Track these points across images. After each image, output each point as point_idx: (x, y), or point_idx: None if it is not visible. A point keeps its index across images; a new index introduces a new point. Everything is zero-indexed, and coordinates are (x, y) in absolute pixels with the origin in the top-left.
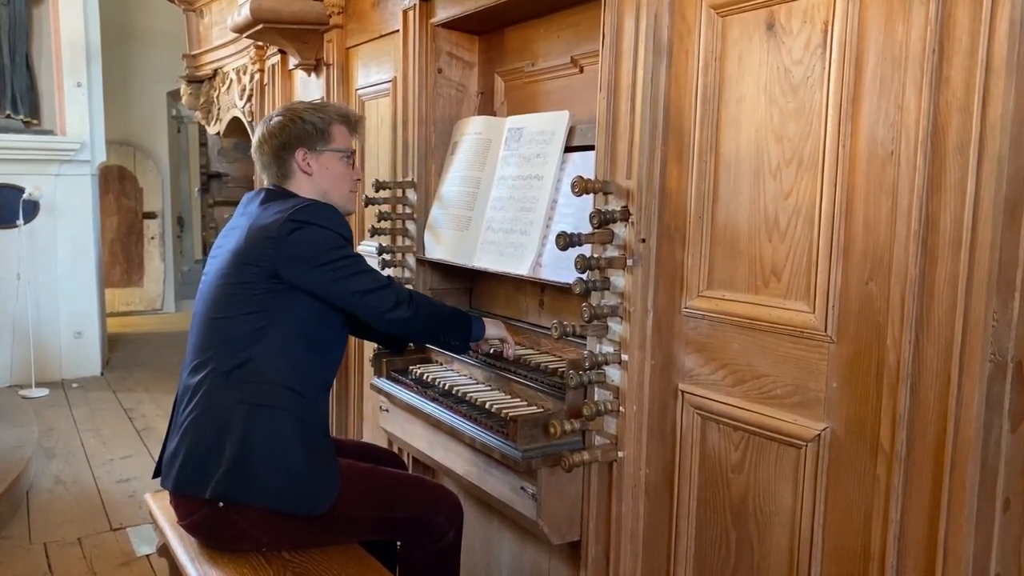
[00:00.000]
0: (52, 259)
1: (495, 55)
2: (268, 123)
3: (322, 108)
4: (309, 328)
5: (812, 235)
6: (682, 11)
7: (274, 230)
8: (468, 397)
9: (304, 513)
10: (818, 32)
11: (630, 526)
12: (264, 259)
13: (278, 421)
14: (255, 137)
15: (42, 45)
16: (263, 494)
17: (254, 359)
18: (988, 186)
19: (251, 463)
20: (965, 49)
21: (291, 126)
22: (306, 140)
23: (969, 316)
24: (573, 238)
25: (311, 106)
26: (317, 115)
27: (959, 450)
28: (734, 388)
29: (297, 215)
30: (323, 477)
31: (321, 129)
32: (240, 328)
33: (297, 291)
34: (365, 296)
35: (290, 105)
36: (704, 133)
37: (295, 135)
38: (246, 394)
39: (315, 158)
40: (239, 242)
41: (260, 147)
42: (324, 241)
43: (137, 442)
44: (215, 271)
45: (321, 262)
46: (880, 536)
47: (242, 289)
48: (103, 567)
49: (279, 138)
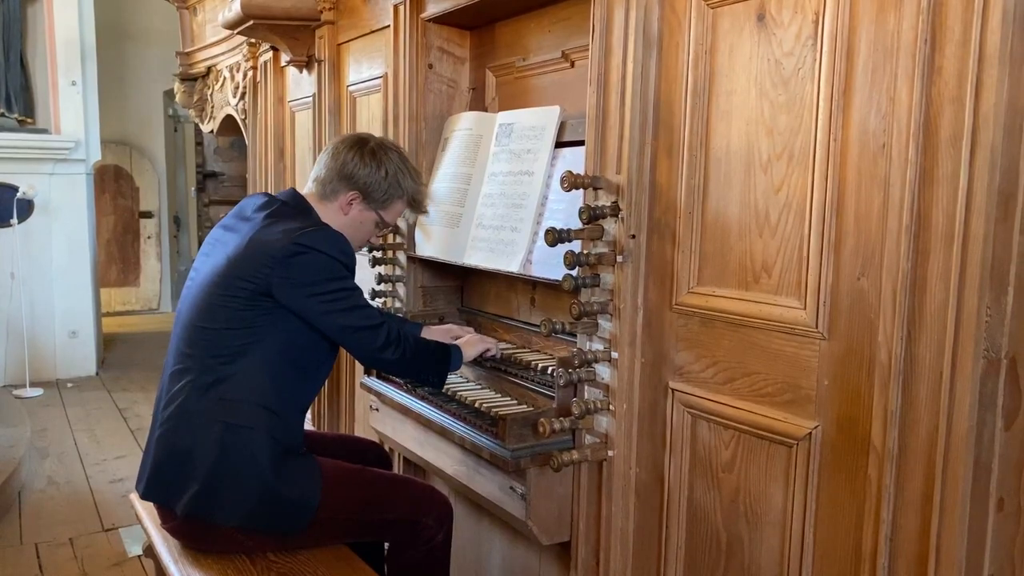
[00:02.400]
0: (47, 258)
1: (486, 50)
2: (365, 149)
3: (411, 176)
4: (294, 349)
5: (803, 230)
6: (672, 3)
7: (276, 249)
8: (458, 396)
9: (276, 531)
10: (809, 23)
11: (620, 526)
12: (258, 277)
13: (251, 442)
14: (342, 142)
15: (37, 43)
16: (235, 516)
17: (234, 376)
18: (981, 179)
19: (223, 486)
20: (958, 39)
21: (374, 174)
22: (371, 194)
23: (962, 311)
24: (562, 234)
25: (406, 169)
26: (401, 182)
27: (951, 448)
28: (725, 386)
29: (303, 239)
30: (297, 497)
31: (391, 195)
32: (224, 341)
33: (287, 312)
34: (355, 333)
35: (397, 152)
36: (694, 127)
37: (367, 183)
38: (222, 413)
39: (360, 208)
40: (236, 251)
41: (335, 158)
42: (324, 269)
43: (131, 442)
44: (207, 273)
45: (317, 291)
46: (872, 536)
47: (231, 302)
48: (94, 568)
49: (355, 171)
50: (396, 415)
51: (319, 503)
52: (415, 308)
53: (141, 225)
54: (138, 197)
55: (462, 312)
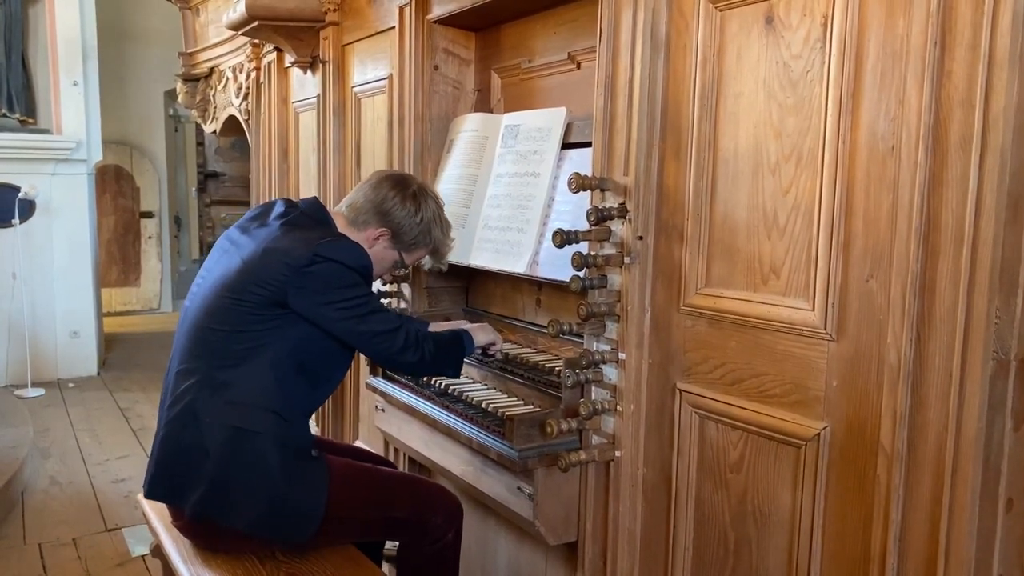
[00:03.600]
0: (48, 258)
1: (492, 52)
2: (408, 192)
3: (442, 228)
4: (304, 356)
5: (811, 232)
6: (680, 5)
7: (294, 258)
8: (465, 396)
9: (285, 539)
10: (817, 26)
11: (627, 526)
12: (274, 283)
13: (259, 448)
14: (387, 178)
15: (38, 43)
16: (243, 520)
17: (242, 380)
18: (990, 181)
19: (230, 489)
20: (967, 42)
21: (411, 218)
22: (401, 235)
23: (971, 313)
24: (570, 235)
25: (440, 220)
26: (432, 231)
27: (961, 450)
28: (732, 387)
29: (323, 250)
30: (306, 503)
31: (419, 242)
32: (233, 345)
33: (298, 319)
34: (374, 338)
35: (435, 202)
36: (702, 129)
37: (400, 225)
38: (229, 416)
39: (386, 245)
40: (252, 256)
41: (376, 191)
42: (342, 279)
43: (133, 442)
44: (220, 275)
45: (333, 299)
46: (881, 537)
47: (244, 307)
48: (98, 568)
49: (392, 210)
50: (402, 415)
51: (328, 505)
52: (420, 308)
53: (142, 225)
54: (139, 197)
55: (467, 312)
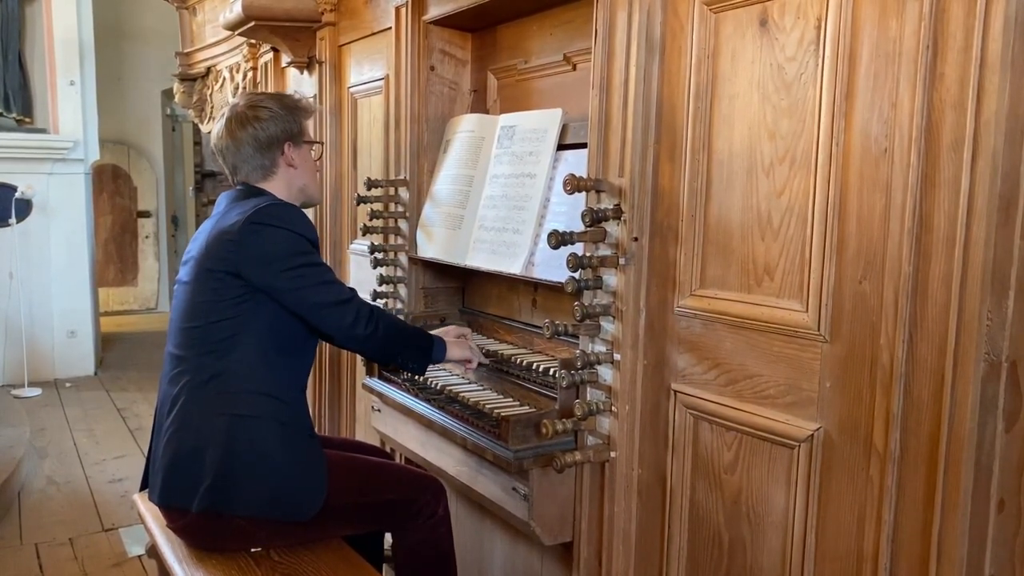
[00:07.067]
0: (45, 258)
1: (488, 52)
2: (248, 115)
3: (290, 98)
4: (280, 333)
5: (805, 233)
6: (675, 7)
7: (234, 232)
8: (460, 397)
9: (293, 519)
10: (811, 28)
11: (622, 527)
12: (226, 262)
13: (260, 430)
14: (226, 130)
15: (35, 43)
16: (250, 505)
17: (229, 369)
18: (982, 183)
19: (235, 475)
20: (960, 45)
21: (280, 119)
22: (291, 134)
23: (963, 315)
24: (565, 236)
25: (280, 96)
26: (294, 107)
27: (953, 450)
28: (727, 388)
29: (257, 216)
30: (310, 481)
31: (300, 121)
32: (212, 337)
33: (263, 296)
34: (324, 309)
35: (260, 96)
36: (697, 131)
37: (284, 129)
38: (224, 405)
39: (297, 151)
40: (202, 247)
41: (239, 141)
42: (287, 245)
43: (130, 442)
44: (185, 277)
45: (284, 267)
46: (873, 537)
47: (210, 296)
48: (95, 568)
49: (268, 131)
50: (398, 416)
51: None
52: (416, 309)
53: (139, 225)
54: (136, 197)
55: (463, 313)
